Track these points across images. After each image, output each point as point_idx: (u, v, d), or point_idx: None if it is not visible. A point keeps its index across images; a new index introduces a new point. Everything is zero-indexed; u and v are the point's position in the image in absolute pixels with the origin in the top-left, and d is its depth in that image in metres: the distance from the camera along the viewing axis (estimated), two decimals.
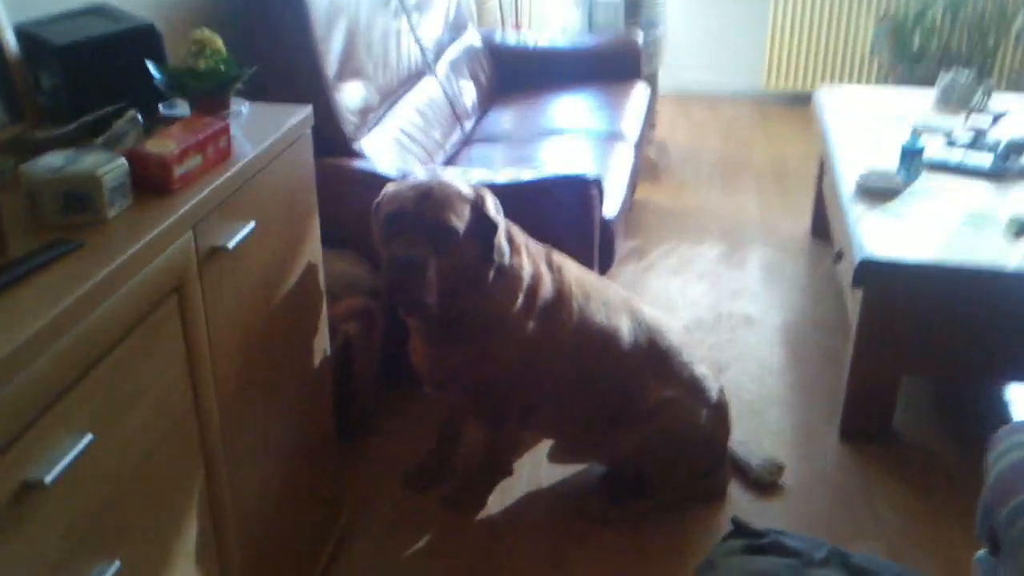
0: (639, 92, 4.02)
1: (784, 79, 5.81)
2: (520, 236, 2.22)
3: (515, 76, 4.25)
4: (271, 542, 1.81)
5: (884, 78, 5.54)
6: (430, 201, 2.04)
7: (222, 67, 1.74)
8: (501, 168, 3.11)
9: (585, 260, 2.66)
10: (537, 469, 2.56)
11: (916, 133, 2.95)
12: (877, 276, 2.47)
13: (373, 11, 3.11)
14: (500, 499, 2.44)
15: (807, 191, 4.44)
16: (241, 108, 1.80)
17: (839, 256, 2.90)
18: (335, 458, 2.20)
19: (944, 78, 3.72)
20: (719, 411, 2.40)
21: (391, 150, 2.96)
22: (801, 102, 5.87)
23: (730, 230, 4.07)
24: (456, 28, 4.03)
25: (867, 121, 3.55)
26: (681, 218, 4.18)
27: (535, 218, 2.29)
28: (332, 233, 2.59)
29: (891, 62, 5.28)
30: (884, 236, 2.56)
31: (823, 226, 3.91)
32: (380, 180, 2.63)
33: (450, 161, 3.36)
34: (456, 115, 3.62)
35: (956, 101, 3.65)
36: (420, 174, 2.17)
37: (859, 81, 5.71)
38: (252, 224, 1.60)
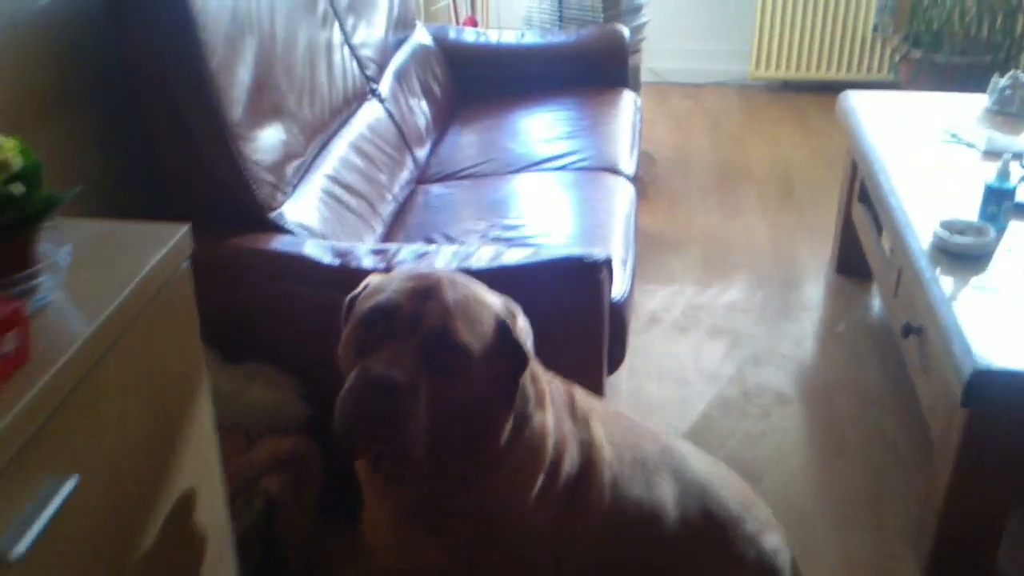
0: (628, 104, 3.30)
1: (774, 66, 5.13)
2: (542, 375, 1.53)
3: (475, 81, 3.52)
4: None
5: (893, 65, 4.89)
6: (435, 301, 1.35)
7: (15, 192, 1.01)
8: (472, 232, 2.39)
9: (591, 361, 1.97)
10: None
11: (1005, 169, 2.28)
12: (993, 391, 1.81)
13: (294, 22, 2.36)
14: None
15: (820, 208, 3.79)
16: (58, 257, 1.07)
17: (909, 330, 2.24)
18: None
19: (998, 82, 3.06)
20: None
21: (322, 213, 2.23)
22: (791, 90, 5.21)
23: (739, 264, 3.40)
24: (402, 26, 3.28)
25: (916, 140, 2.88)
26: (680, 250, 3.50)
27: (526, 311, 1.55)
28: (242, 341, 1.88)
29: (900, 47, 4.62)
30: (999, 335, 1.89)
31: (852, 262, 3.27)
32: (305, 264, 1.93)
33: (401, 212, 2.63)
34: (406, 143, 2.88)
35: (1017, 112, 2.99)
36: (415, 264, 1.48)
37: (858, 68, 5.05)
38: (71, 483, 0.90)
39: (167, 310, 1.20)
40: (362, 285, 1.49)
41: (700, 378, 2.75)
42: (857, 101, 3.21)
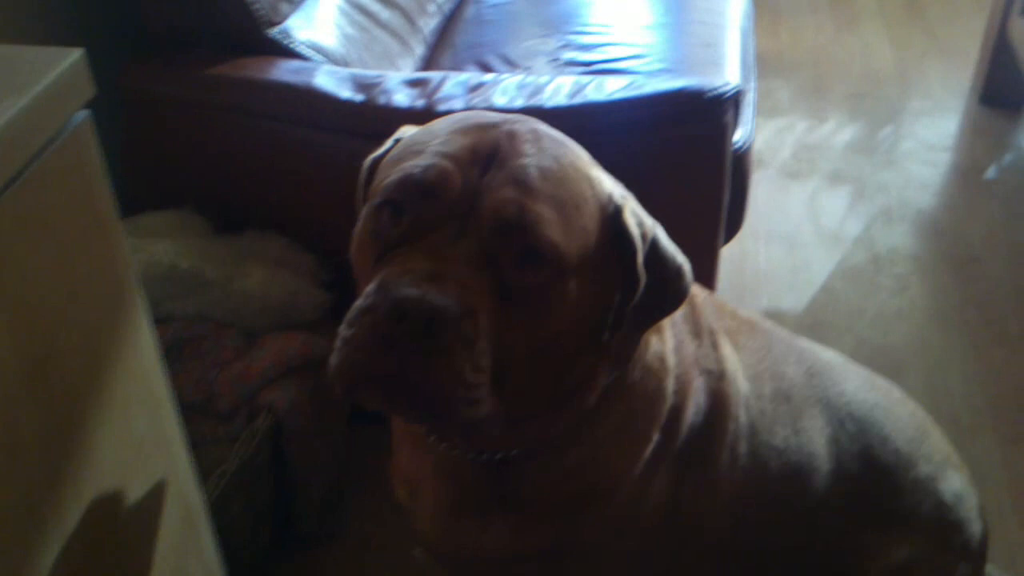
0: None
1: None
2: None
3: None
4: None
5: None
6: (506, 171, 0.85)
7: None
8: (538, 54, 1.84)
9: (705, 229, 1.48)
10: None
11: None
12: None
13: None
14: None
15: (955, 23, 3.12)
16: None
17: None
18: None
19: None
20: (981, 557, 1.27)
21: (342, 30, 1.69)
22: None
23: (861, 92, 2.80)
24: None
25: None
26: (787, 72, 2.90)
27: (619, 163, 1.00)
28: (239, 207, 1.43)
29: None
30: None
31: (1003, 91, 2.65)
32: (316, 99, 1.43)
33: (447, 28, 2.07)
34: None
35: None
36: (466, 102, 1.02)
37: None
38: None
39: (54, 186, 0.72)
40: (390, 141, 0.98)
41: (818, 239, 2.22)
42: None
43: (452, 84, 1.45)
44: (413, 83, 1.45)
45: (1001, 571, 1.43)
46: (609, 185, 0.92)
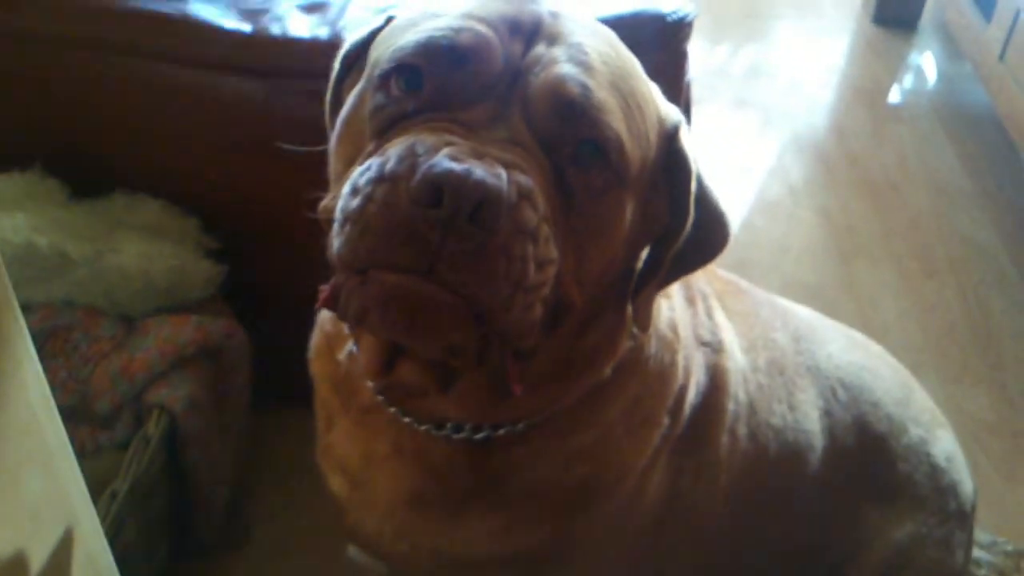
0: None
1: None
2: None
3: None
4: None
5: None
6: (560, 47, 0.67)
7: None
8: None
9: None
10: None
11: None
12: None
13: None
14: None
15: None
16: None
17: None
18: None
19: None
20: (969, 520, 1.18)
21: None
22: None
23: (753, 13, 2.67)
24: None
25: None
26: None
27: None
28: (102, 164, 1.18)
29: None
30: None
31: (897, 10, 2.59)
32: (195, 29, 1.20)
33: None
34: None
35: None
36: None
37: None
38: None
39: None
40: (378, 20, 0.76)
41: (733, 171, 2.10)
42: None
43: (357, 7, 1.22)
44: (310, 8, 1.21)
45: None
46: (658, 93, 0.75)
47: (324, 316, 0.90)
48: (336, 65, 0.78)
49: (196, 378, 1.16)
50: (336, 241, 0.62)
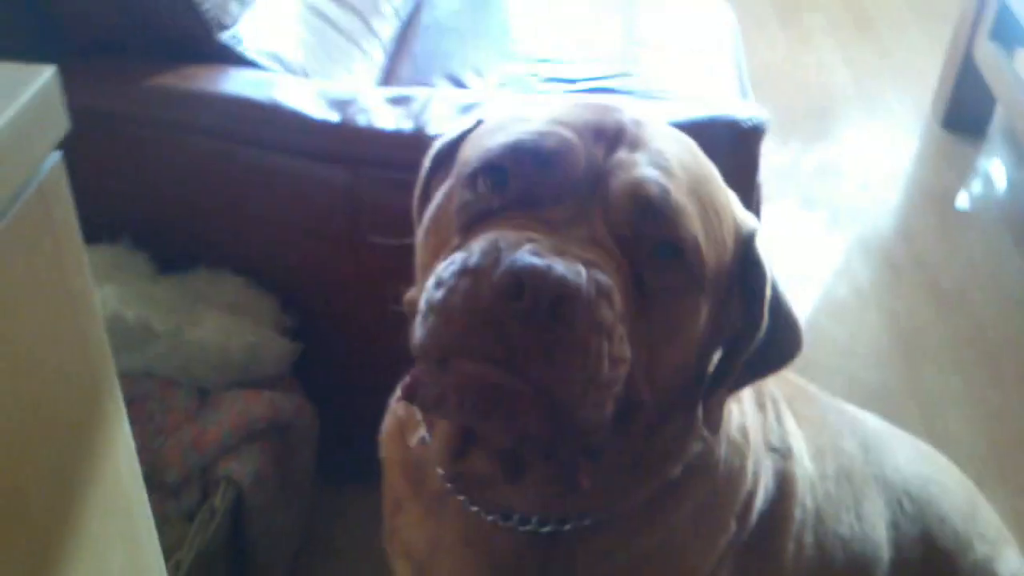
0: None
1: None
2: None
3: None
4: None
5: None
6: (641, 153, 0.70)
7: None
8: (522, 80, 1.66)
9: None
10: None
11: None
12: None
13: None
14: None
15: (908, 43, 3.07)
16: None
17: None
18: None
19: None
20: None
21: (298, 35, 1.49)
22: None
23: (820, 112, 2.70)
24: None
25: None
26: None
27: None
28: (187, 242, 1.22)
29: None
30: None
31: (967, 114, 2.58)
32: (282, 117, 1.23)
33: (404, 35, 1.87)
34: None
35: None
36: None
37: None
38: None
39: (16, 260, 0.51)
40: (468, 122, 0.79)
41: (799, 271, 2.10)
42: None
43: (440, 103, 1.26)
44: (395, 101, 1.26)
45: None
46: (736, 201, 0.77)
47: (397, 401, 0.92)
48: (427, 162, 0.81)
49: (264, 453, 1.19)
50: (419, 331, 0.64)
